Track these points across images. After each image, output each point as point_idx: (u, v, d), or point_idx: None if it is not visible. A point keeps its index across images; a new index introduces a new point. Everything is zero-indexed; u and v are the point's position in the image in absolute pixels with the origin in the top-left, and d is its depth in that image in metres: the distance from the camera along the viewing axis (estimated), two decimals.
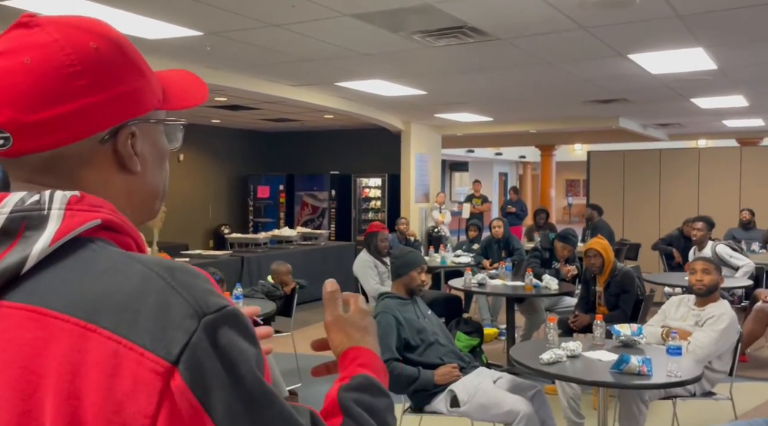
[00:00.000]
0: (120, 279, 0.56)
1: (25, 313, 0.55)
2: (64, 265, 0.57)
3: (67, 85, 0.61)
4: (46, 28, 0.63)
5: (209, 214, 11.69)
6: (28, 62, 0.61)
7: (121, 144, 0.65)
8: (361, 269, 5.54)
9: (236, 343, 0.55)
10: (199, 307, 0.54)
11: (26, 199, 0.59)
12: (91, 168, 0.64)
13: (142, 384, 0.51)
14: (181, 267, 0.58)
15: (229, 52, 5.39)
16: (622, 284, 4.37)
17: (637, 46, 5.12)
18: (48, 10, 4.05)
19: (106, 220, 0.60)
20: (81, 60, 0.62)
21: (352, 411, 0.68)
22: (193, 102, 0.74)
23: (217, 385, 0.52)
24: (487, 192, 15.30)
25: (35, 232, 0.57)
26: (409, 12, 4.11)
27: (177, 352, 0.52)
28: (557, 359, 2.88)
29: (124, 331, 0.53)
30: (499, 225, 6.65)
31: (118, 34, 0.67)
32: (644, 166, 10.07)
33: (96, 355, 0.52)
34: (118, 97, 0.64)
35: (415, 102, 8.18)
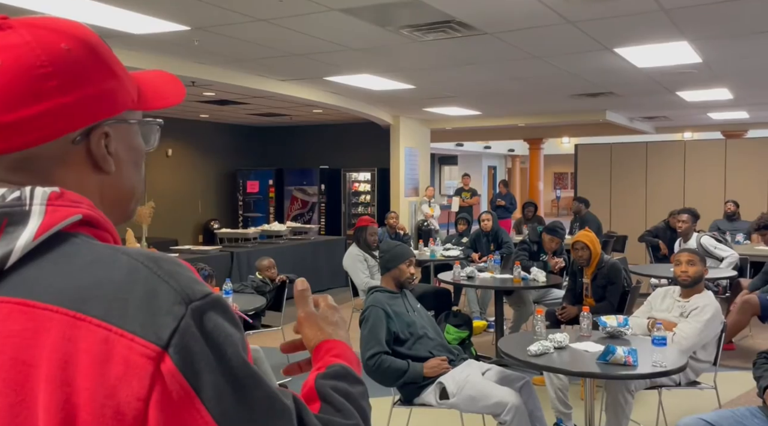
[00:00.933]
0: (106, 270, 0.57)
1: (13, 305, 0.56)
2: (49, 258, 0.58)
3: (38, 86, 0.61)
4: (18, 30, 0.63)
5: (198, 209, 11.65)
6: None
7: (94, 144, 0.66)
8: (351, 263, 5.55)
9: (222, 328, 0.57)
10: (186, 294, 0.56)
11: (7, 196, 0.60)
12: (65, 167, 0.65)
13: (133, 368, 0.53)
14: (165, 257, 0.60)
15: (216, 47, 5.37)
16: (609, 276, 4.42)
17: (623, 40, 5.16)
18: (37, 6, 4.01)
19: (87, 215, 0.61)
20: (52, 61, 0.62)
21: (330, 397, 0.71)
22: (169, 102, 0.74)
23: (205, 368, 0.54)
24: (476, 185, 15.36)
25: (18, 228, 0.58)
26: (397, 6, 4.12)
27: (167, 337, 0.54)
28: (545, 351, 2.92)
29: (113, 319, 0.54)
30: (488, 218, 6.69)
31: (92, 35, 0.67)
32: (631, 159, 10.16)
33: (87, 343, 0.53)
34: (89, 98, 0.65)
35: (403, 96, 8.19)
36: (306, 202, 11.90)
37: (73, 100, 0.63)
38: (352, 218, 11.27)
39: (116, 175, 0.69)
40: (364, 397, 0.75)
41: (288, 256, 7.44)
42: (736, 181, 9.35)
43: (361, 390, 0.76)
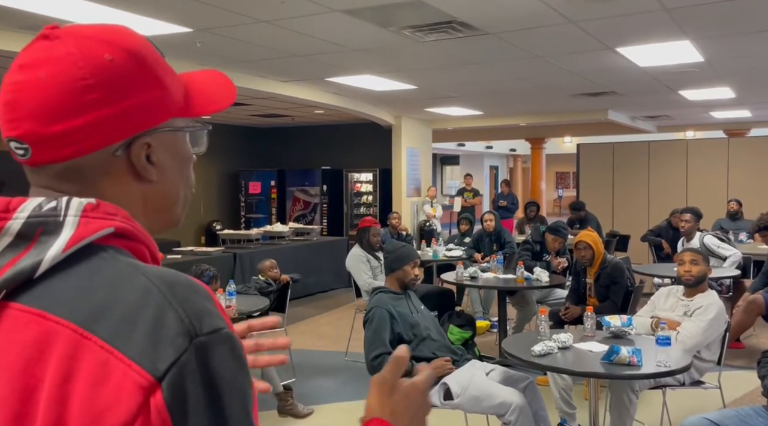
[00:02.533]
0: (122, 290, 0.56)
1: (31, 316, 0.56)
2: (74, 271, 0.58)
3: (80, 99, 0.62)
4: (64, 40, 0.63)
5: (201, 210, 11.66)
6: (42, 77, 0.62)
7: (135, 156, 0.66)
8: (354, 264, 5.56)
9: (224, 369, 0.55)
10: (193, 326, 0.54)
11: (44, 205, 0.60)
12: (108, 177, 0.65)
13: (123, 395, 0.52)
14: (184, 282, 0.58)
15: (219, 49, 5.38)
16: (612, 276, 4.42)
17: (625, 39, 5.15)
18: (40, 8, 4.02)
19: (120, 228, 0.61)
20: (94, 73, 0.62)
21: None
22: (217, 106, 0.72)
23: (195, 411, 0.52)
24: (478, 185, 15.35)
25: (50, 238, 0.59)
26: (398, 7, 4.12)
27: (163, 369, 0.52)
28: (549, 351, 2.92)
29: (117, 342, 0.53)
30: (491, 218, 6.69)
31: (139, 44, 0.67)
32: (633, 158, 10.14)
33: (87, 363, 0.53)
34: (130, 110, 0.64)
35: (405, 96, 8.19)
36: (308, 202, 11.90)
37: (114, 112, 0.63)
38: (354, 219, 11.27)
39: (160, 183, 0.68)
40: None
41: (290, 256, 7.44)
42: (739, 179, 9.33)
43: None
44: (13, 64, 0.64)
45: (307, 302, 7.56)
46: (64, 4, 3.93)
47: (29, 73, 0.62)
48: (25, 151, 0.63)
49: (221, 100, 0.73)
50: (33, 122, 0.62)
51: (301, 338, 5.88)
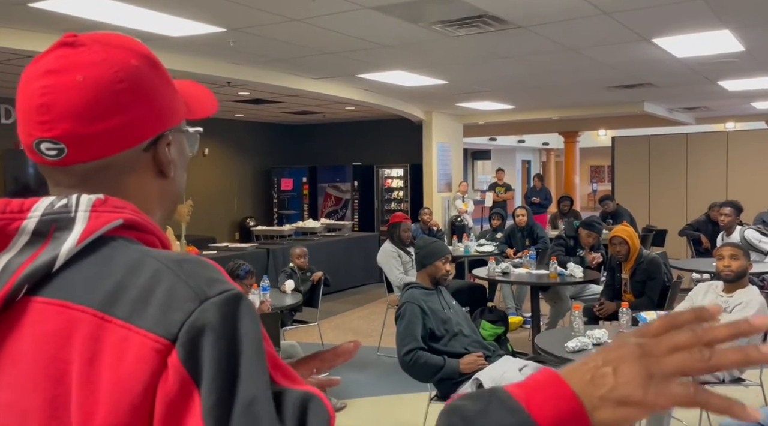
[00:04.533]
0: (134, 274, 0.60)
1: (54, 307, 0.60)
2: (88, 262, 0.62)
3: (117, 100, 0.67)
4: (91, 47, 0.68)
5: (234, 207, 11.85)
6: (82, 80, 0.66)
7: (161, 151, 0.72)
8: (385, 259, 5.58)
9: (234, 325, 0.57)
10: (202, 291, 0.58)
11: (55, 203, 0.64)
12: (134, 174, 0.70)
13: (144, 362, 0.56)
14: (192, 259, 0.62)
15: (251, 47, 5.45)
16: (649, 271, 4.34)
17: (662, 30, 5.04)
18: (75, 11, 4.14)
19: (128, 219, 0.65)
20: (126, 77, 0.68)
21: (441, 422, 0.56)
22: (210, 112, 0.80)
23: (207, 362, 0.55)
24: (510, 180, 15.20)
25: (64, 233, 0.62)
26: (429, 3, 4.11)
27: (175, 331, 0.56)
28: (583, 347, 2.89)
29: (134, 319, 0.57)
30: (523, 213, 6.63)
31: (150, 52, 0.73)
32: (670, 151, 9.91)
33: (110, 342, 0.57)
34: (159, 109, 0.70)
35: (436, 92, 8.17)
36: (339, 198, 11.98)
37: (147, 111, 0.69)
38: (385, 214, 11.30)
39: (172, 180, 0.75)
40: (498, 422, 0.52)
41: (322, 252, 7.51)
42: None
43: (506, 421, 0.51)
44: (37, 68, 0.67)
45: (339, 297, 7.63)
46: (100, 7, 4.04)
47: (63, 76, 0.66)
48: (59, 151, 0.66)
49: (211, 107, 0.81)
50: (72, 122, 0.65)
51: (333, 333, 5.94)
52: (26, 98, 0.67)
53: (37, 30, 4.71)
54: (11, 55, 5.33)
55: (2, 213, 0.63)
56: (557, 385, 0.52)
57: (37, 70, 0.67)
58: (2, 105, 8.10)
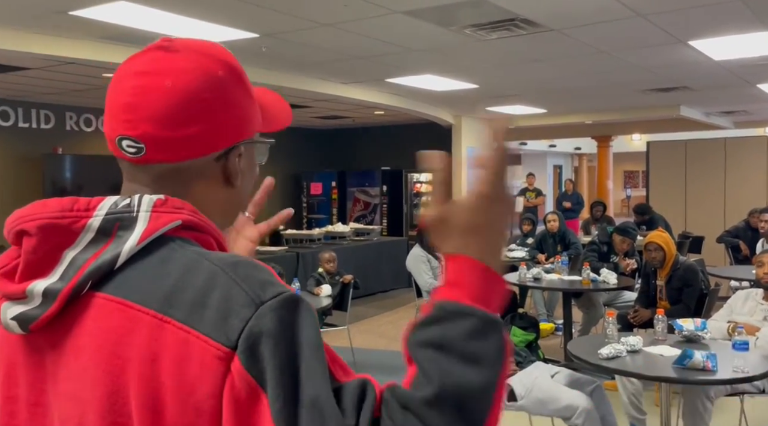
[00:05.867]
0: (191, 275, 0.62)
1: (115, 304, 0.62)
2: (148, 261, 0.64)
3: (199, 109, 0.69)
4: (184, 53, 0.70)
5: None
6: (169, 85, 0.68)
7: (231, 162, 0.73)
8: (415, 264, 5.57)
9: (288, 325, 0.58)
10: (257, 295, 0.59)
11: (119, 203, 0.66)
12: (203, 181, 0.72)
13: (207, 369, 0.57)
14: (245, 261, 0.63)
15: (283, 53, 5.52)
16: (685, 278, 4.24)
17: (698, 32, 4.93)
18: (115, 19, 4.25)
19: (187, 220, 0.67)
20: (211, 87, 0.69)
21: (417, 356, 0.57)
22: (284, 125, 0.82)
23: (270, 365, 0.56)
24: (541, 185, 15.02)
25: (126, 232, 0.65)
26: (460, 6, 4.10)
27: (235, 338, 0.57)
28: (617, 354, 2.83)
29: (193, 322, 0.59)
30: (555, 219, 6.54)
31: (236, 62, 0.74)
32: (708, 156, 9.68)
33: (170, 344, 0.59)
34: (236, 121, 0.72)
35: (466, 96, 8.13)
36: (368, 203, 12.00)
37: (224, 123, 0.71)
38: (414, 219, 11.28)
39: (238, 189, 0.76)
40: (470, 334, 0.55)
41: (351, 256, 7.53)
42: None
43: (465, 326, 0.55)
44: (131, 68, 0.70)
45: (368, 302, 7.63)
46: (138, 14, 4.14)
47: (153, 79, 0.68)
48: (138, 150, 0.69)
49: (285, 120, 0.82)
50: (154, 125, 0.68)
51: (362, 337, 5.95)
52: (116, 95, 0.70)
53: (76, 37, 4.85)
54: (53, 62, 5.50)
55: (70, 211, 0.65)
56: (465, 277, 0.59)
57: (130, 69, 0.70)
58: (42, 110, 8.35)
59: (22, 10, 4.11)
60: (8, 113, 8.04)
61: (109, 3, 3.92)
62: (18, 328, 0.65)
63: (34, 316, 0.63)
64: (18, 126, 8.13)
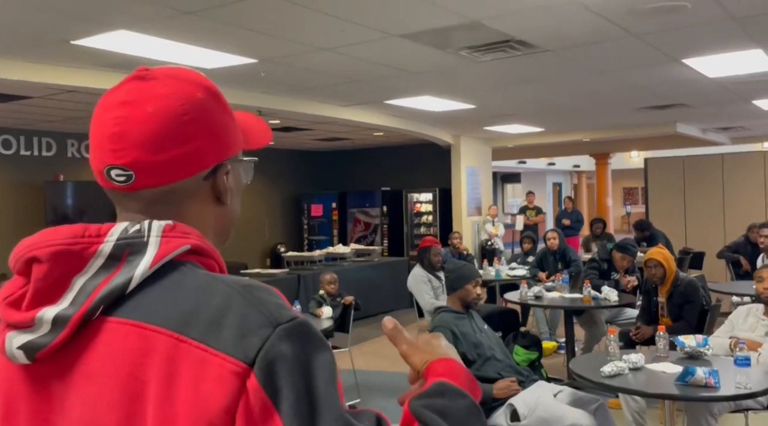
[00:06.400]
0: (206, 297, 0.63)
1: (130, 327, 0.63)
2: (161, 285, 0.65)
3: (183, 131, 0.71)
4: (162, 80, 0.73)
5: (265, 233, 11.99)
6: (152, 111, 0.70)
7: (220, 180, 0.75)
8: (415, 284, 5.57)
9: (305, 349, 0.61)
10: (274, 318, 0.61)
11: (129, 229, 0.68)
12: (194, 201, 0.74)
13: (223, 384, 0.58)
14: (258, 285, 0.66)
15: (281, 77, 5.58)
16: (686, 294, 4.24)
17: (692, 50, 5.00)
18: (115, 47, 4.32)
19: (195, 245, 0.69)
20: (192, 109, 0.72)
21: (423, 415, 0.66)
22: (265, 142, 0.84)
23: (285, 385, 0.58)
24: (541, 203, 15.06)
25: (137, 257, 0.66)
26: (455, 29, 4.17)
27: (253, 355, 0.59)
28: (619, 372, 2.83)
29: (210, 341, 0.60)
30: (555, 236, 6.55)
31: (213, 85, 0.77)
32: (706, 172, 9.72)
33: (187, 362, 0.60)
34: (219, 139, 0.75)
35: (464, 116, 8.20)
36: (369, 224, 12.02)
37: (208, 142, 0.73)
38: (415, 239, 11.28)
39: (228, 207, 0.78)
40: (470, 412, 0.69)
41: (352, 277, 7.53)
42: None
43: (464, 404, 0.69)
44: (112, 100, 0.73)
45: (370, 323, 7.61)
46: (138, 43, 4.21)
47: (135, 108, 0.71)
48: (127, 177, 0.71)
49: (265, 138, 0.85)
50: (141, 151, 0.70)
51: (364, 359, 5.92)
52: (101, 127, 0.72)
53: (77, 66, 4.92)
54: (54, 90, 5.57)
55: (82, 237, 0.67)
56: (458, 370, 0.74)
57: (111, 100, 0.72)
58: (44, 138, 8.42)
59: (24, 40, 4.18)
60: (10, 142, 8.11)
61: (109, 32, 3.99)
62: (24, 357, 0.65)
63: (42, 344, 0.64)
64: (20, 154, 8.19)
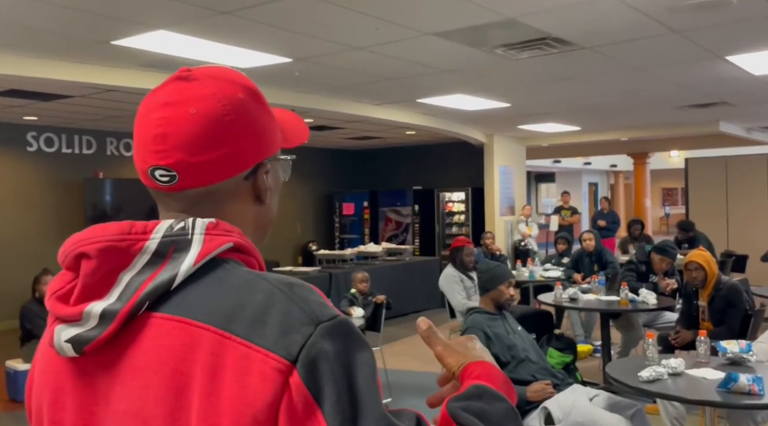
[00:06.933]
0: (249, 294, 0.64)
1: (175, 323, 0.64)
2: (204, 282, 0.66)
3: (225, 131, 0.71)
4: (203, 81, 0.73)
5: (297, 231, 12.09)
6: (194, 112, 0.71)
7: (260, 179, 0.76)
8: (447, 284, 5.53)
9: (346, 347, 0.61)
10: (315, 316, 0.62)
11: (174, 226, 0.69)
12: (235, 200, 0.75)
13: (267, 380, 0.59)
14: (299, 283, 0.66)
15: (315, 76, 5.61)
16: (729, 298, 4.10)
17: (736, 47, 4.84)
18: (153, 47, 4.40)
19: (237, 243, 0.70)
20: (233, 110, 0.72)
21: (461, 418, 0.67)
22: (302, 140, 0.85)
23: (327, 382, 0.59)
24: (577, 203, 14.80)
25: (181, 254, 0.67)
26: (490, 27, 4.12)
27: (296, 353, 0.59)
28: (658, 377, 2.75)
29: (253, 337, 0.61)
30: (590, 237, 6.43)
31: (254, 85, 0.77)
32: (750, 172, 9.40)
33: (231, 358, 0.61)
34: (260, 139, 0.75)
35: (498, 115, 8.12)
36: (400, 223, 12.01)
37: (250, 142, 0.73)
38: (446, 239, 11.23)
39: (268, 206, 0.79)
40: (507, 415, 0.69)
41: (383, 276, 7.52)
42: None
43: (501, 408, 0.69)
44: (155, 101, 0.73)
45: (401, 322, 7.59)
46: (177, 42, 4.28)
47: (178, 109, 0.71)
48: (171, 178, 0.71)
49: (303, 136, 0.85)
50: (183, 152, 0.71)
51: (396, 359, 5.90)
52: (144, 128, 0.73)
53: (118, 66, 5.04)
54: (93, 90, 5.71)
55: (128, 234, 0.68)
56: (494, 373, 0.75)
57: (154, 101, 0.73)
58: (84, 136, 8.66)
59: (66, 41, 4.30)
60: (53, 140, 8.36)
61: (148, 32, 4.07)
62: (72, 350, 0.66)
63: (90, 337, 0.65)
64: (61, 151, 8.44)
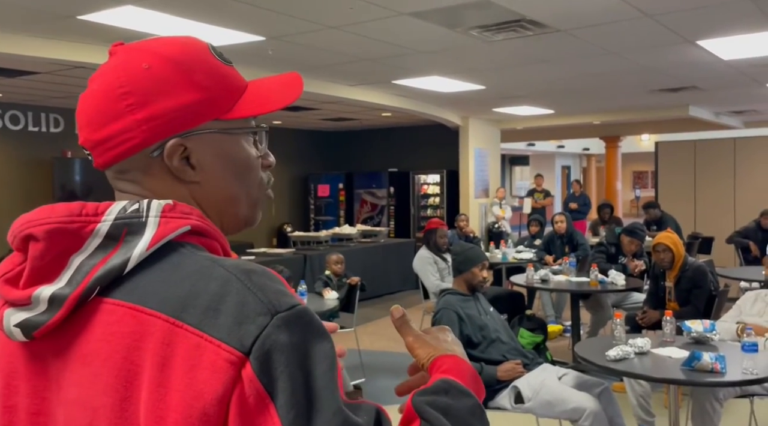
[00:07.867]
0: (204, 281, 0.61)
1: (126, 309, 0.61)
2: (158, 267, 0.63)
3: (116, 106, 0.68)
4: (119, 55, 0.70)
5: (272, 213, 12.01)
6: (95, 89, 0.69)
7: (168, 157, 0.68)
8: (421, 266, 5.57)
9: (304, 339, 0.58)
10: (272, 305, 0.59)
11: (127, 208, 0.65)
12: (152, 178, 0.70)
13: (218, 372, 0.56)
14: (258, 270, 0.62)
15: (289, 55, 5.53)
16: (694, 279, 4.21)
17: (707, 31, 4.90)
18: (121, 23, 4.28)
19: (195, 226, 0.66)
20: (129, 81, 0.67)
21: (425, 413, 0.65)
22: (267, 108, 0.73)
23: (281, 376, 0.56)
24: (550, 186, 14.98)
25: (135, 238, 0.64)
26: (466, 8, 4.10)
27: (249, 344, 0.57)
28: (624, 356, 2.82)
29: (206, 327, 0.58)
30: (562, 220, 6.52)
31: (180, 50, 0.70)
32: (717, 156, 9.62)
33: (182, 348, 0.58)
34: (161, 114, 0.67)
35: (473, 97, 8.13)
36: (375, 205, 12.01)
37: (146, 116, 0.67)
38: (421, 221, 11.27)
39: (206, 185, 0.71)
40: (472, 411, 0.67)
41: (358, 258, 7.53)
42: None
43: (467, 404, 0.68)
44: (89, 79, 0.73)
45: (375, 304, 7.64)
46: (145, 18, 4.17)
47: (90, 86, 0.71)
48: (89, 156, 0.72)
49: (275, 102, 0.73)
50: (87, 130, 0.70)
51: (369, 339, 5.95)
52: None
53: (84, 41, 4.89)
54: (59, 66, 5.55)
55: (78, 215, 0.64)
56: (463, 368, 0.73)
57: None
58: (51, 114, 8.41)
59: (30, 15, 4.15)
60: (18, 117, 8.12)
61: (116, 7, 3.95)
62: (21, 335, 0.64)
63: (39, 322, 0.63)
64: (28, 130, 8.20)
